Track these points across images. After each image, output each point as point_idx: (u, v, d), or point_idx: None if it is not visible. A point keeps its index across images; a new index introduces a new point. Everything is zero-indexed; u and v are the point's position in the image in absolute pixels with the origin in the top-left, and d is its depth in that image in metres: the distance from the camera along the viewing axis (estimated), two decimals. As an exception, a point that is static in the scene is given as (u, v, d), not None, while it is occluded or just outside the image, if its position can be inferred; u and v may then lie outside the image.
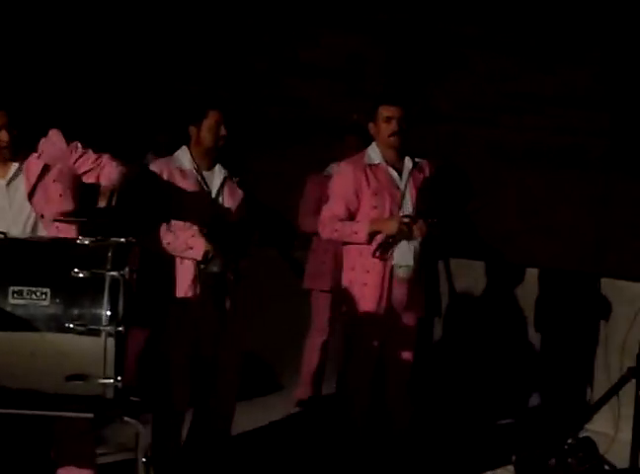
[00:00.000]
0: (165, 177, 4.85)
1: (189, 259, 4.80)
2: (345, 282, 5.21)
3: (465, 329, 7.17)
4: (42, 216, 4.26)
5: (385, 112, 5.11)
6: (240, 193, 5.05)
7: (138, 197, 4.56)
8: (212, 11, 7.35)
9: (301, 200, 6.65)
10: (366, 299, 5.09)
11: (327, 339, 6.68)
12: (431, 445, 5.76)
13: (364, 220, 5.09)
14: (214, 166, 5.01)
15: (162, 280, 4.83)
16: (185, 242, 4.78)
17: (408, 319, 5.23)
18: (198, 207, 4.90)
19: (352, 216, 5.14)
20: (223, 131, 4.93)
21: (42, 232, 4.24)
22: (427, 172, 5.26)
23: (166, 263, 4.83)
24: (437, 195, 5.24)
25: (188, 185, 4.88)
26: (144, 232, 4.63)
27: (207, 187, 4.95)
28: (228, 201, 4.97)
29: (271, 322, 7.07)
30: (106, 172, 4.31)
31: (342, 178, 5.18)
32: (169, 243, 4.81)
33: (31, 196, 4.24)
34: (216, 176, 4.99)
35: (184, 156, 4.96)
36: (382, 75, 7.48)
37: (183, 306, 4.83)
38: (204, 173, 4.97)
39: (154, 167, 4.92)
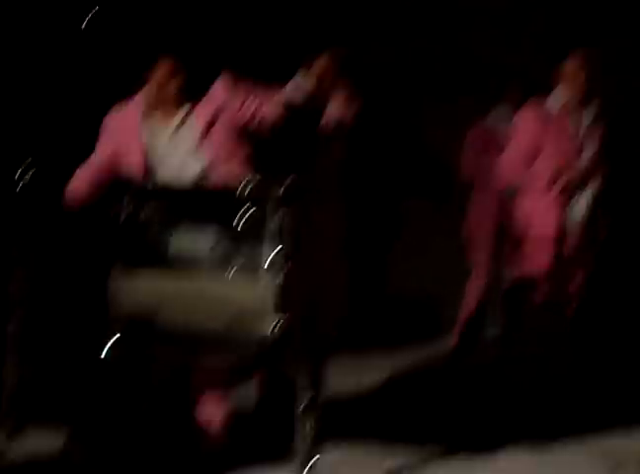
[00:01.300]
0: None
1: None
2: (521, 225, 5.22)
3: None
4: (213, 160, 4.27)
5: (577, 55, 5.13)
6: None
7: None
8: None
9: (464, 148, 6.68)
10: (543, 244, 5.10)
11: (486, 282, 6.65)
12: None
13: (538, 165, 5.09)
14: None
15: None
16: None
17: (577, 271, 5.22)
18: None
19: (531, 161, 5.13)
20: None
21: (212, 176, 4.24)
22: (607, 124, 5.25)
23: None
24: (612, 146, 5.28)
25: None
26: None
27: None
28: None
29: (432, 269, 7.09)
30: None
31: (524, 123, 5.19)
32: None
33: (200, 140, 4.27)
34: None
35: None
36: (548, 19, 7.27)
37: None
38: None
39: None
